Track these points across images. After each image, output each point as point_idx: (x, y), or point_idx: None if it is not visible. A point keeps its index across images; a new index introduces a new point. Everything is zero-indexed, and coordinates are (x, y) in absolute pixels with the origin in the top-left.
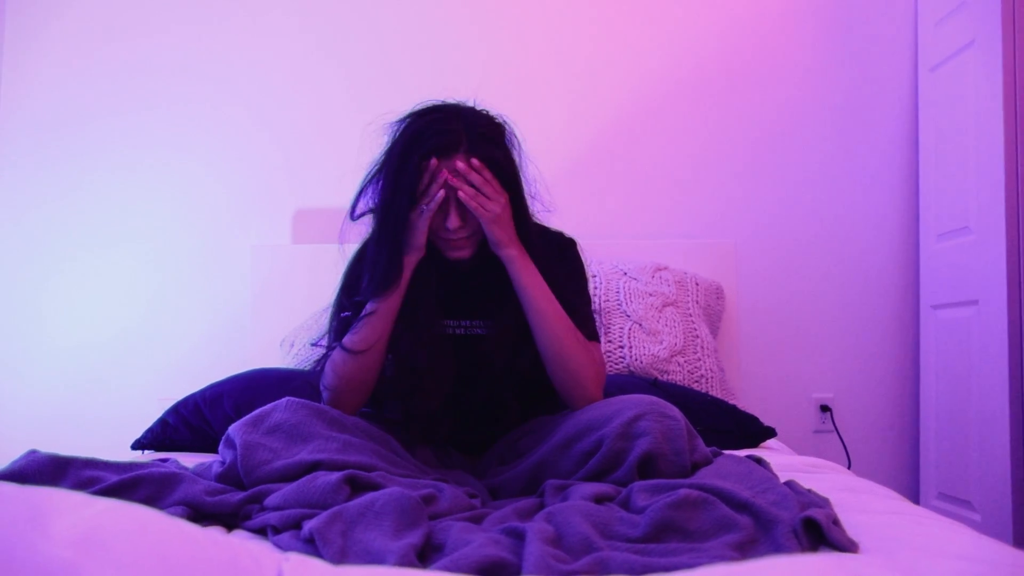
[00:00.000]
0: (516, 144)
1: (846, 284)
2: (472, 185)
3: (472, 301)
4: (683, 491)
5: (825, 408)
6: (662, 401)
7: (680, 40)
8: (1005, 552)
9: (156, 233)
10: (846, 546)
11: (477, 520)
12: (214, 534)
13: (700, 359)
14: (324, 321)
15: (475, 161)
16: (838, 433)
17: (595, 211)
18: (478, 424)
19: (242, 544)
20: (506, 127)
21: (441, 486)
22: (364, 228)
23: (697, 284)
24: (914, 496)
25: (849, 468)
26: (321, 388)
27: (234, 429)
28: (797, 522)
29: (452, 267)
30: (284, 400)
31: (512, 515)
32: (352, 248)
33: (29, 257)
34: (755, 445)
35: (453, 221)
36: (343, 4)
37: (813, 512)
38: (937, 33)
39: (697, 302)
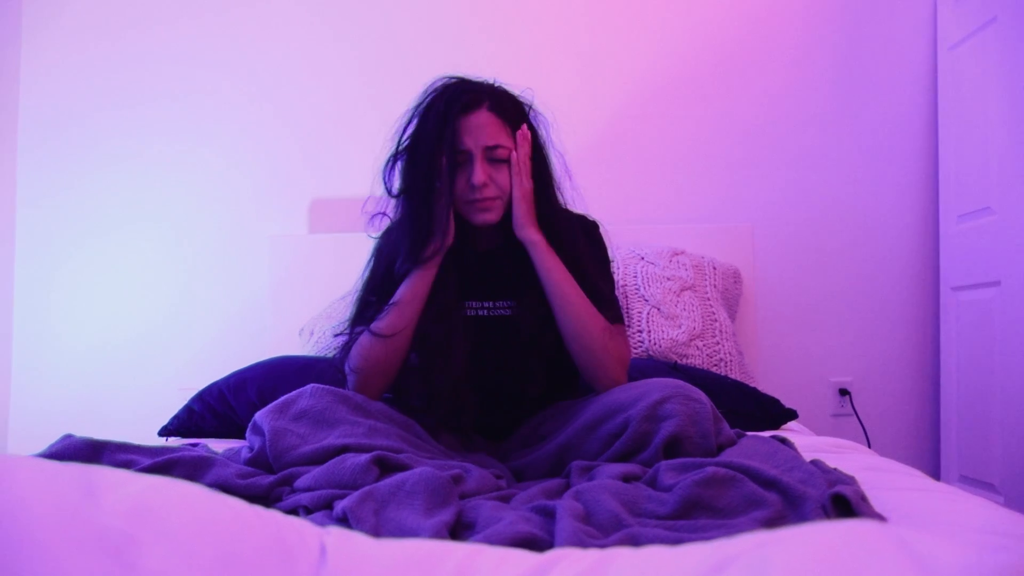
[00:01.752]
0: (542, 122)
1: (864, 267)
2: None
3: (498, 282)
4: (711, 469)
5: (844, 392)
6: (687, 384)
7: (694, 21)
8: None
9: (175, 224)
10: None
11: (505, 500)
12: (258, 508)
13: (719, 343)
14: (345, 306)
15: (524, 130)
16: (857, 416)
17: (610, 196)
18: (502, 407)
19: (285, 519)
20: (531, 107)
21: (468, 467)
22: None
23: (714, 268)
24: (935, 479)
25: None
26: (346, 371)
27: (261, 416)
28: (826, 498)
29: (478, 248)
30: (309, 387)
31: (540, 495)
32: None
33: (49, 249)
34: (776, 427)
35: (479, 176)
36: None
37: (842, 488)
38: (957, 11)
39: (715, 286)
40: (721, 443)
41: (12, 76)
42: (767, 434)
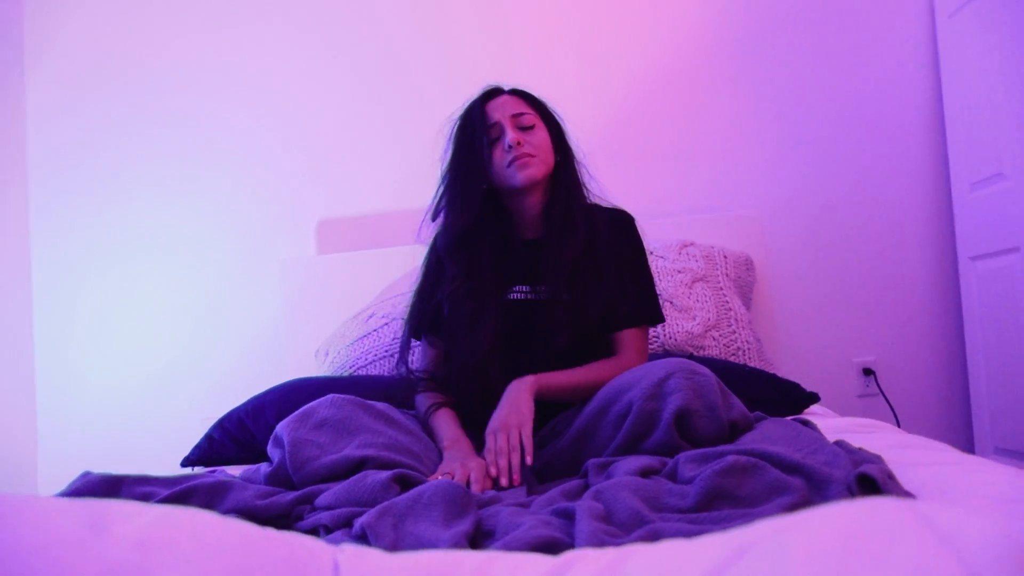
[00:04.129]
0: (561, 118)
1: (879, 243)
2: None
3: (541, 268)
4: (731, 458)
5: (868, 371)
6: (691, 361)
7: (691, 9)
8: None
9: (188, 252)
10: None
11: (525, 505)
12: (268, 531)
13: (735, 332)
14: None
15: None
16: (884, 396)
17: (616, 190)
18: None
19: (296, 538)
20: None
21: None
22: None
23: (725, 257)
24: (969, 452)
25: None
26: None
27: (281, 427)
28: (851, 479)
29: (525, 236)
30: (328, 397)
31: (559, 497)
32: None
33: (64, 287)
34: (799, 412)
35: (512, 136)
36: (359, 19)
37: (867, 468)
38: None
39: (727, 275)
40: (734, 419)
41: (18, 111)
42: (790, 419)
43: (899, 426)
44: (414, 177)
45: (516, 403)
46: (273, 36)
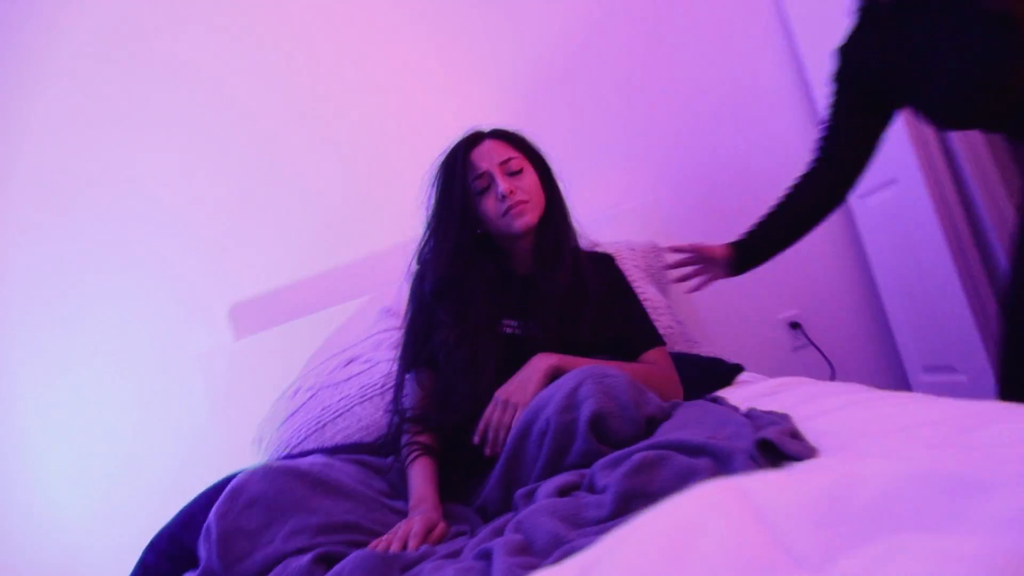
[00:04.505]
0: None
1: (764, 197)
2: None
3: (532, 303)
4: (637, 456)
5: (795, 325)
6: (602, 364)
7: (572, 20)
8: (956, 406)
9: (103, 365)
10: (804, 455)
11: (455, 553)
12: None
13: (655, 320)
14: (291, 404)
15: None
16: (814, 345)
17: None
18: None
19: None
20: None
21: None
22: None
23: (632, 250)
24: (902, 376)
25: (833, 374)
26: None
27: (212, 513)
28: (752, 447)
29: (518, 272)
30: (261, 467)
31: (489, 536)
32: None
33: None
34: (728, 383)
35: (504, 185)
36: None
37: (765, 432)
38: None
39: (637, 266)
40: (650, 414)
41: None
42: (701, 399)
43: (832, 370)
44: (318, 241)
45: (525, 381)
46: (160, 131)
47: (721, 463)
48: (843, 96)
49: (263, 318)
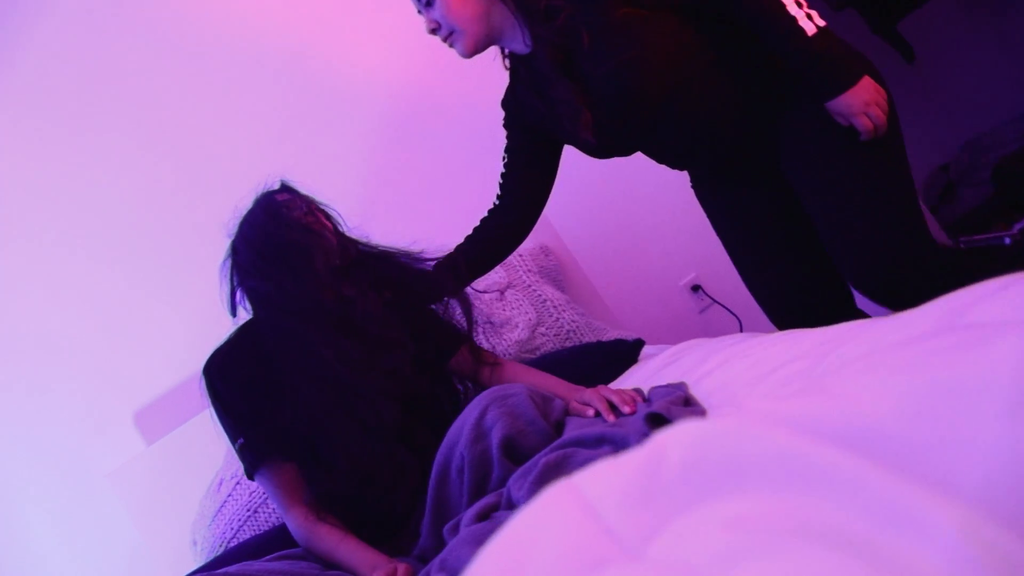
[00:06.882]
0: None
1: (642, 182)
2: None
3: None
4: (542, 461)
5: (696, 288)
6: (500, 387)
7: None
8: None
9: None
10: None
11: None
12: None
13: (558, 319)
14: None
15: None
16: (718, 303)
17: (399, 239)
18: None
19: None
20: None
21: None
22: None
23: (520, 255)
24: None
25: (741, 325)
26: None
27: None
28: (644, 425)
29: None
30: None
31: None
32: None
33: None
34: (634, 361)
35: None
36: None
37: (653, 407)
38: None
39: (530, 271)
40: (557, 418)
41: None
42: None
43: (740, 324)
44: (211, 321)
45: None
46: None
47: (620, 447)
48: (514, 140)
49: (170, 418)
